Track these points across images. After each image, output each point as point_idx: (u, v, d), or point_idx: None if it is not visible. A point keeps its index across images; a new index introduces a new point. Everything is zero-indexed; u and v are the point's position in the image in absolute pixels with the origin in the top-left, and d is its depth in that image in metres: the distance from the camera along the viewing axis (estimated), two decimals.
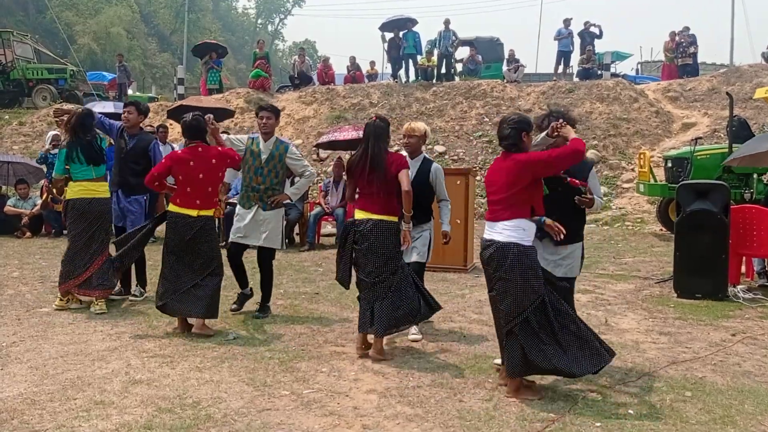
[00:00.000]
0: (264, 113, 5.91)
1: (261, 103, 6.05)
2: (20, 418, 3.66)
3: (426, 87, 19.00)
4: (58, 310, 6.09)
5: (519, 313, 3.97)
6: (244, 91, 19.96)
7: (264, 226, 5.84)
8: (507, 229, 4.02)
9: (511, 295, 3.97)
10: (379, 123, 4.94)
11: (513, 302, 3.97)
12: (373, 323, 4.73)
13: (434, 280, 7.48)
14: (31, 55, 23.15)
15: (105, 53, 42.35)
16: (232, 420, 3.68)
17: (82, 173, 6.08)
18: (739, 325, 5.86)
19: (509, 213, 4.03)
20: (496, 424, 3.67)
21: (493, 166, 4.28)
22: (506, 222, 4.02)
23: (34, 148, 16.61)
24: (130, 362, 4.64)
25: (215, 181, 5.46)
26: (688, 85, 18.37)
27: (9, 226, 11.09)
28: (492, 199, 4.17)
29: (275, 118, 5.95)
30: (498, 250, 4.01)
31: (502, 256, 3.99)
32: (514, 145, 4.13)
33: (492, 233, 4.10)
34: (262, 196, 5.86)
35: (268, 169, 5.87)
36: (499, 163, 4.20)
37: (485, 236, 4.17)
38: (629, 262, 9.06)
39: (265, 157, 5.87)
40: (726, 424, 3.71)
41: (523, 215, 4.04)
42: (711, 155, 10.83)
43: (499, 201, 4.09)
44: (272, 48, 57.16)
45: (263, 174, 5.87)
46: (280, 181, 5.94)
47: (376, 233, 4.75)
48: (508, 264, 3.96)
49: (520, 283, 3.95)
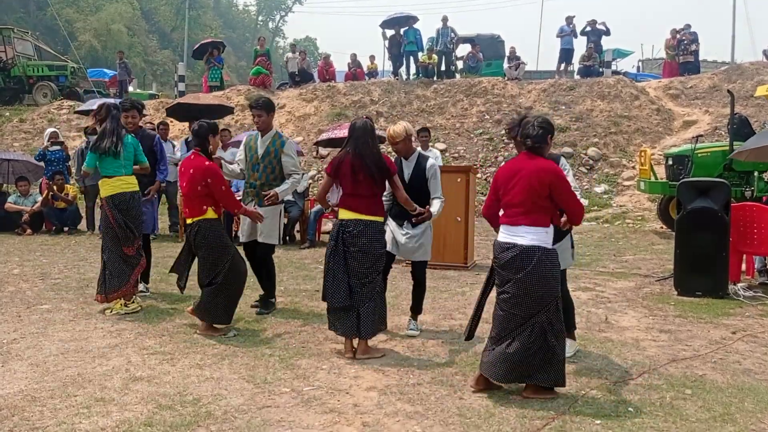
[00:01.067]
0: (254, 111, 5.90)
1: (250, 100, 6.01)
2: (21, 414, 3.67)
3: (427, 84, 18.99)
4: (127, 312, 5.88)
5: (534, 315, 3.95)
6: (244, 88, 19.97)
7: (261, 223, 5.84)
8: (529, 233, 3.98)
9: (531, 297, 3.95)
10: (369, 122, 4.88)
11: (532, 304, 3.95)
12: (360, 329, 4.71)
13: (434, 278, 7.48)
14: (31, 52, 23.15)
15: (106, 50, 42.32)
16: (232, 417, 3.68)
17: (116, 169, 6.00)
18: (739, 322, 5.86)
19: (532, 219, 3.98)
20: (495, 422, 3.67)
21: (510, 166, 4.16)
22: (528, 227, 3.98)
23: (34, 145, 16.60)
24: (130, 359, 4.64)
25: (194, 192, 5.29)
26: (689, 82, 18.36)
27: (10, 223, 11.08)
28: (511, 202, 4.06)
29: (267, 114, 5.89)
30: (521, 253, 3.96)
31: (525, 258, 3.94)
32: (541, 146, 4.07)
33: (512, 236, 4.04)
34: (258, 192, 5.86)
35: (263, 165, 5.87)
36: (520, 164, 4.08)
37: (504, 239, 4.09)
38: (630, 259, 9.06)
39: (261, 153, 5.88)
40: (726, 422, 3.71)
41: (546, 223, 4.02)
42: (712, 153, 10.84)
43: (521, 204, 4.00)
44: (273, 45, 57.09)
45: (259, 170, 5.87)
46: (277, 177, 5.89)
47: (366, 235, 4.72)
48: (531, 267, 3.93)
49: (541, 285, 3.93)
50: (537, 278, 3.93)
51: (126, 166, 6.07)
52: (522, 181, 4.01)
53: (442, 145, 16.24)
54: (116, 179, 6.00)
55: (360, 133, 4.80)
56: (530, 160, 4.06)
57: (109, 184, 6.02)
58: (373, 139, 4.81)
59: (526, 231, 3.98)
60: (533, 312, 3.96)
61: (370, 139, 4.78)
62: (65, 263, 8.31)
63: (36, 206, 11.14)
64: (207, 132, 5.43)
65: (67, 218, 11.26)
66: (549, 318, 3.97)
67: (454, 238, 8.33)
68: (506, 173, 4.14)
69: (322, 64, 21.37)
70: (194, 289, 5.66)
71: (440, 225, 8.27)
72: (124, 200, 5.98)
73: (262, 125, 5.90)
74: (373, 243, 4.74)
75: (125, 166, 6.06)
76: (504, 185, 4.13)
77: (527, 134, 4.08)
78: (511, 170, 4.12)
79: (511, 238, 4.04)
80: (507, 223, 4.09)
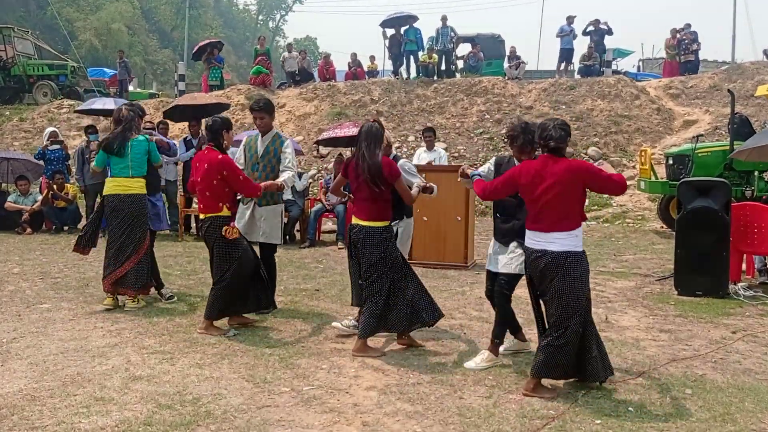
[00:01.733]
0: (256, 114, 5.91)
1: (251, 102, 6.02)
2: (20, 414, 3.67)
3: (427, 84, 18.98)
4: (107, 309, 5.97)
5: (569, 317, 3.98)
6: (245, 87, 19.95)
7: (262, 223, 5.84)
8: (561, 238, 3.99)
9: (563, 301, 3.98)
10: (376, 126, 4.89)
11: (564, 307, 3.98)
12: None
13: (435, 277, 7.48)
14: (31, 51, 23.15)
15: (106, 49, 42.31)
16: (231, 416, 3.68)
17: (121, 170, 6.04)
18: (739, 322, 5.85)
19: (565, 224, 3.99)
20: (495, 422, 3.67)
21: (535, 168, 4.08)
22: (561, 233, 3.99)
23: (34, 144, 16.59)
24: (130, 359, 4.64)
25: (210, 187, 5.28)
26: (689, 82, 18.36)
27: (10, 222, 11.08)
28: (544, 209, 4.02)
29: (268, 116, 5.93)
30: (553, 260, 3.97)
31: (558, 264, 3.96)
32: (562, 147, 4.05)
33: (543, 243, 4.03)
34: None
35: (263, 164, 5.88)
36: (546, 167, 4.02)
37: (534, 246, 4.07)
38: (630, 259, 9.06)
39: (260, 153, 5.90)
40: (726, 422, 3.70)
41: (577, 225, 4.04)
42: (712, 152, 10.82)
43: (555, 211, 3.98)
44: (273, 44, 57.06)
45: (258, 169, 5.88)
46: (276, 176, 5.91)
47: (363, 239, 4.82)
48: (563, 272, 3.95)
49: (573, 289, 3.96)
50: (568, 282, 3.96)
51: (133, 168, 6.07)
52: (556, 186, 3.97)
53: (443, 145, 16.23)
54: (113, 180, 6.07)
55: (363, 137, 4.85)
56: (555, 163, 4.02)
57: (107, 183, 6.12)
58: (375, 143, 4.81)
59: (558, 236, 3.99)
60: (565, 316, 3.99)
61: (372, 144, 4.80)
62: (65, 262, 8.31)
63: (36, 205, 11.13)
64: (221, 127, 5.42)
65: (67, 217, 11.27)
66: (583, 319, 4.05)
67: (455, 237, 8.32)
68: (531, 174, 4.07)
69: (323, 64, 21.36)
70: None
71: (440, 225, 8.30)
72: (115, 201, 6.02)
73: (264, 127, 5.92)
74: (370, 248, 4.79)
75: (132, 168, 6.07)
76: (529, 187, 4.08)
77: (549, 136, 4.03)
78: (536, 173, 4.05)
79: (540, 244, 4.04)
80: (537, 229, 4.07)
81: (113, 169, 6.09)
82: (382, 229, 4.84)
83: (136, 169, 6.09)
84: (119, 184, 6.06)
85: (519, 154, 4.51)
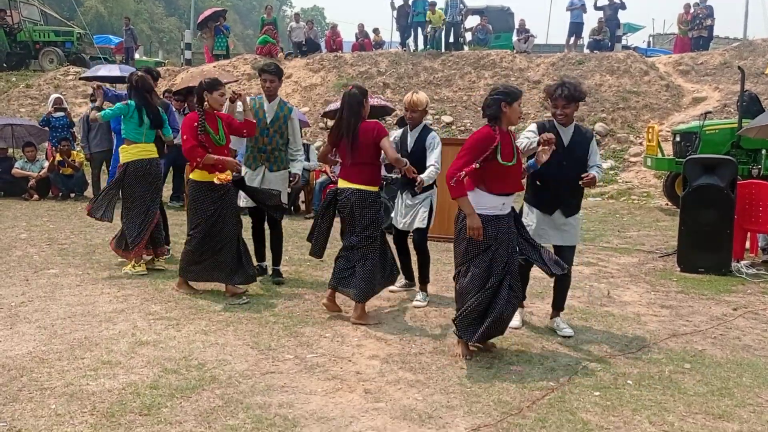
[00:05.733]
0: (266, 76, 5.88)
1: (263, 65, 6.00)
2: (29, 375, 3.74)
3: (434, 56, 18.82)
4: (139, 274, 6.10)
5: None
6: (251, 57, 19.83)
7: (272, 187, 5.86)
8: None
9: None
10: (354, 92, 4.96)
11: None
12: (353, 286, 4.91)
13: (439, 250, 7.51)
14: (37, 17, 23.00)
15: (112, 16, 42.04)
16: (236, 382, 3.75)
17: (138, 135, 6.11)
18: (740, 299, 5.88)
19: None
20: (496, 391, 3.72)
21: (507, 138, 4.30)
22: None
23: (40, 111, 16.58)
24: (136, 324, 4.71)
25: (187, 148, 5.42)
26: (699, 58, 18.14)
27: (17, 188, 11.15)
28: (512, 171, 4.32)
29: (278, 80, 5.95)
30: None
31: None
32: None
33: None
34: (269, 157, 5.91)
35: (273, 130, 5.90)
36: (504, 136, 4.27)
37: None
38: (633, 235, 9.07)
39: (270, 118, 5.90)
40: (723, 396, 3.75)
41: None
42: (720, 130, 10.75)
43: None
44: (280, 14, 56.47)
45: (269, 134, 5.90)
46: (285, 142, 5.99)
47: (354, 201, 4.91)
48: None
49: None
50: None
51: (147, 134, 6.18)
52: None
53: (449, 118, 16.16)
54: (136, 146, 6.12)
55: (345, 104, 4.96)
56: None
57: (127, 151, 6.15)
58: (355, 107, 4.89)
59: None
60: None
61: (353, 109, 4.89)
62: (72, 229, 8.37)
63: (42, 172, 11.17)
64: (200, 90, 5.43)
65: (74, 184, 11.32)
66: None
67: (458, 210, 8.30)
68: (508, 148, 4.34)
69: (330, 34, 21.19)
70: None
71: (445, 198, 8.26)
72: (141, 167, 6.11)
73: (273, 90, 5.91)
74: (363, 211, 4.91)
75: (146, 134, 6.17)
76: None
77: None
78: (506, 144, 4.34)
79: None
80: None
81: (131, 134, 6.10)
82: (375, 194, 4.98)
83: (149, 135, 6.22)
84: (143, 149, 6.16)
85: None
